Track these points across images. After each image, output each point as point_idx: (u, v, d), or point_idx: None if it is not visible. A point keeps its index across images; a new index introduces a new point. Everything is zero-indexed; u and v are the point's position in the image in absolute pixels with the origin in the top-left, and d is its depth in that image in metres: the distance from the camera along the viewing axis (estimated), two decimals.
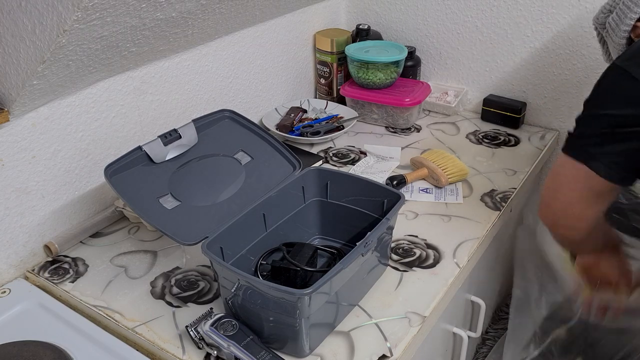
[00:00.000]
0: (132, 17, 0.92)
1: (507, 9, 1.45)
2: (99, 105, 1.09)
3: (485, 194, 1.23)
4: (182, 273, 1.03)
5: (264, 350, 0.82)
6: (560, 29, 1.40)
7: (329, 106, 1.58)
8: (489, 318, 1.56)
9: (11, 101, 0.92)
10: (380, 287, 0.98)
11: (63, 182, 1.08)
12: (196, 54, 1.26)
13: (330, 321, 0.89)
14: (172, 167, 1.01)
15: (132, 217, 1.14)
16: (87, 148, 1.10)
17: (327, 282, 0.78)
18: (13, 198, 1.00)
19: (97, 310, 0.94)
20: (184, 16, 1.05)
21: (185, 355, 0.86)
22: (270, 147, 1.11)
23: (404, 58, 1.50)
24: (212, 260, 0.83)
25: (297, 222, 1.03)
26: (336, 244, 1.06)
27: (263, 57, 1.46)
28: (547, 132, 1.49)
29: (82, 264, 1.05)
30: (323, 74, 1.63)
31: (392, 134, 1.50)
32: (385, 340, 0.87)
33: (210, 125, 1.08)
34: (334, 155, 1.39)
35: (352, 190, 1.01)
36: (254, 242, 0.96)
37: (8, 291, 0.98)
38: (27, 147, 0.99)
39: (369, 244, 0.85)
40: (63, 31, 0.81)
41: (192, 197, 0.99)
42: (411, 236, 1.10)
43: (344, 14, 1.71)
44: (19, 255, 1.03)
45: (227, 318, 0.85)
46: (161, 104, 1.22)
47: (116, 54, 1.00)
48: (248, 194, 1.02)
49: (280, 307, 0.79)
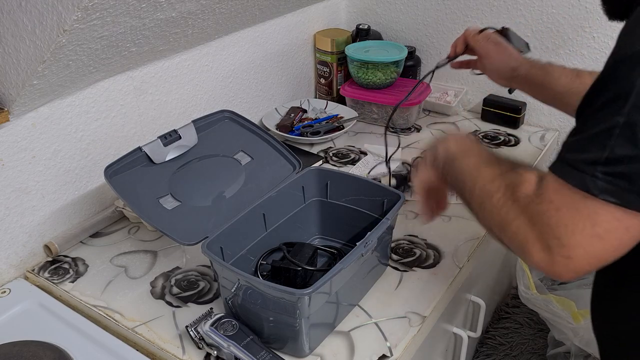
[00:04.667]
0: (132, 17, 0.92)
1: (507, 9, 1.45)
2: (99, 105, 1.09)
3: None
4: (182, 273, 1.03)
5: (264, 350, 0.82)
6: (560, 29, 1.40)
7: (329, 106, 1.58)
8: (489, 318, 1.56)
9: (11, 101, 0.92)
10: (380, 287, 0.98)
11: (63, 182, 1.08)
12: (196, 54, 1.26)
13: (330, 321, 0.89)
14: (172, 167, 1.01)
15: (132, 217, 1.14)
16: (87, 148, 1.10)
17: (327, 282, 0.78)
18: (13, 198, 1.00)
19: (97, 310, 0.94)
20: (184, 16, 1.05)
21: (185, 355, 0.86)
22: (270, 147, 1.11)
23: (404, 58, 1.50)
24: (212, 260, 0.83)
25: (297, 222, 1.03)
26: (336, 244, 1.06)
27: (263, 57, 1.46)
28: (547, 132, 1.49)
29: (82, 264, 1.05)
30: (323, 74, 1.63)
31: (392, 134, 1.49)
32: (385, 340, 0.87)
33: (210, 125, 1.08)
34: (334, 155, 1.39)
35: (352, 190, 1.01)
36: (254, 242, 0.96)
37: (8, 291, 0.98)
38: (27, 147, 0.99)
39: (369, 244, 0.85)
40: (63, 31, 0.81)
41: (192, 198, 0.99)
42: (411, 236, 1.10)
43: (344, 14, 1.71)
44: (19, 255, 1.03)
45: (227, 318, 0.85)
46: (161, 104, 1.22)
47: (116, 54, 1.00)
48: (248, 194, 1.02)
49: (280, 307, 0.79)
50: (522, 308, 1.58)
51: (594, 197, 0.59)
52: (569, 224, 0.61)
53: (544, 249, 0.62)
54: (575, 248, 0.61)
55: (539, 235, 0.63)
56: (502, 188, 0.69)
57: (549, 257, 0.62)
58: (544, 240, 0.62)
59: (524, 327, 1.56)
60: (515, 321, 1.58)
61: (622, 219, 0.59)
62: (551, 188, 0.63)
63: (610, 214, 0.59)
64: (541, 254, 0.63)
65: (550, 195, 0.63)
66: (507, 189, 0.68)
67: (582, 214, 0.60)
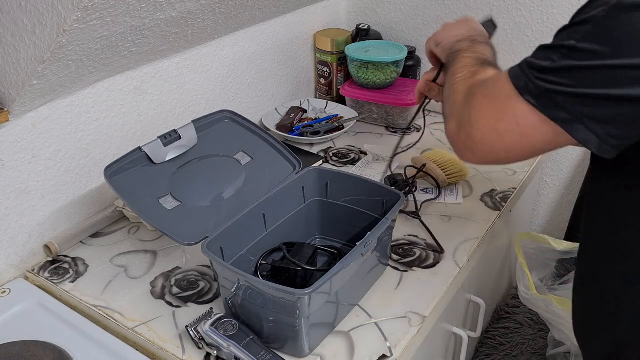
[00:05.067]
0: (132, 17, 0.92)
1: (507, 9, 1.45)
2: (99, 105, 1.09)
3: (485, 194, 1.23)
4: (182, 273, 1.03)
5: (264, 350, 0.82)
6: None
7: (329, 106, 1.58)
8: (489, 318, 1.56)
9: (11, 101, 0.92)
10: (380, 287, 0.98)
11: (63, 182, 1.08)
12: (196, 54, 1.26)
13: (330, 321, 0.89)
14: (172, 167, 1.01)
15: (132, 217, 1.14)
16: (87, 148, 1.10)
17: (327, 282, 0.78)
18: (13, 198, 1.00)
19: (97, 310, 0.94)
20: (184, 16, 1.05)
21: (185, 355, 0.86)
22: (270, 147, 1.11)
23: (404, 58, 1.50)
24: (212, 260, 0.83)
25: (297, 222, 1.03)
26: (336, 244, 1.06)
27: (263, 57, 1.46)
28: None
29: (82, 264, 1.05)
30: (323, 74, 1.63)
31: (392, 134, 1.50)
32: (385, 340, 0.87)
33: (210, 125, 1.08)
34: (334, 155, 1.39)
35: (352, 190, 1.01)
36: (254, 242, 0.96)
37: (8, 291, 0.98)
38: (27, 147, 0.99)
39: (369, 244, 0.85)
40: (63, 31, 0.81)
41: (192, 198, 0.99)
42: (411, 236, 1.10)
43: (344, 14, 1.71)
44: (19, 255, 1.03)
45: (227, 318, 0.85)
46: (161, 104, 1.22)
47: (116, 54, 1.00)
48: (248, 194, 1.02)
49: (280, 307, 0.79)
50: (522, 308, 1.58)
51: (518, 95, 0.65)
52: (484, 110, 0.68)
53: (458, 123, 0.72)
54: (478, 130, 0.69)
55: (461, 110, 0.72)
56: (466, 73, 0.78)
57: (457, 130, 0.72)
58: (462, 115, 0.71)
59: (524, 327, 1.56)
60: (515, 321, 1.58)
61: (525, 125, 0.65)
62: (495, 79, 0.69)
63: (521, 116, 0.65)
64: (453, 125, 0.73)
65: (490, 84, 0.70)
66: (469, 73, 0.77)
67: (497, 105, 0.67)
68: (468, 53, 0.84)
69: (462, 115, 0.71)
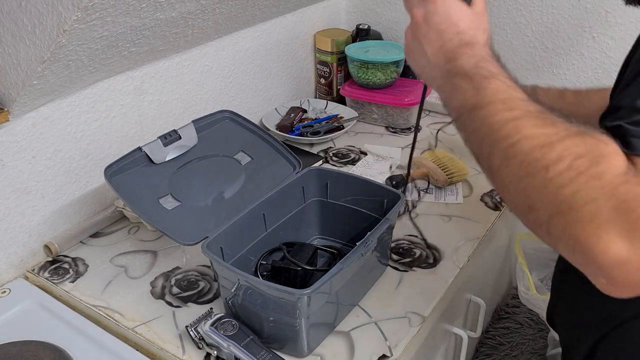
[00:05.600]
0: (132, 17, 0.92)
1: (507, 9, 1.45)
2: (99, 105, 1.09)
3: (485, 194, 1.23)
4: (182, 273, 1.03)
5: (264, 350, 0.82)
6: (560, 29, 1.40)
7: (329, 106, 1.58)
8: (489, 318, 1.56)
9: (11, 101, 0.92)
10: (380, 287, 0.98)
11: (63, 182, 1.08)
12: (196, 54, 1.26)
13: (330, 321, 0.89)
14: (172, 167, 1.01)
15: (132, 217, 1.14)
16: (87, 148, 1.10)
17: (327, 282, 0.78)
18: (13, 198, 1.00)
19: (97, 310, 0.94)
20: (184, 16, 1.05)
21: (185, 355, 0.86)
22: (270, 147, 1.11)
23: (404, 58, 1.50)
24: (212, 260, 0.83)
25: (297, 222, 1.03)
26: (336, 244, 1.06)
27: (263, 57, 1.46)
28: None
29: (82, 264, 1.05)
30: (323, 74, 1.63)
31: (392, 134, 1.50)
32: (385, 340, 0.87)
33: (210, 125, 1.08)
34: (334, 155, 1.39)
35: (352, 190, 1.01)
36: (254, 242, 0.96)
37: (8, 291, 0.98)
38: (27, 147, 0.99)
39: (369, 244, 0.85)
40: (63, 31, 0.81)
41: (192, 198, 0.99)
42: (411, 236, 1.10)
43: (344, 14, 1.71)
44: (19, 255, 1.03)
45: (227, 318, 0.85)
46: (161, 104, 1.22)
47: (116, 54, 1.00)
48: (248, 194, 1.02)
49: (280, 307, 0.79)
50: (522, 308, 1.58)
51: None
52: None
53: (630, 243, 0.47)
54: None
55: (626, 226, 0.47)
56: (568, 157, 0.51)
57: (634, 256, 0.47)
58: (632, 232, 0.47)
59: (524, 327, 1.56)
60: (515, 321, 1.58)
61: None
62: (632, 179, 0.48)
63: None
64: (622, 250, 0.47)
65: None
66: (579, 159, 0.50)
67: None
68: (503, 95, 0.62)
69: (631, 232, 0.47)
